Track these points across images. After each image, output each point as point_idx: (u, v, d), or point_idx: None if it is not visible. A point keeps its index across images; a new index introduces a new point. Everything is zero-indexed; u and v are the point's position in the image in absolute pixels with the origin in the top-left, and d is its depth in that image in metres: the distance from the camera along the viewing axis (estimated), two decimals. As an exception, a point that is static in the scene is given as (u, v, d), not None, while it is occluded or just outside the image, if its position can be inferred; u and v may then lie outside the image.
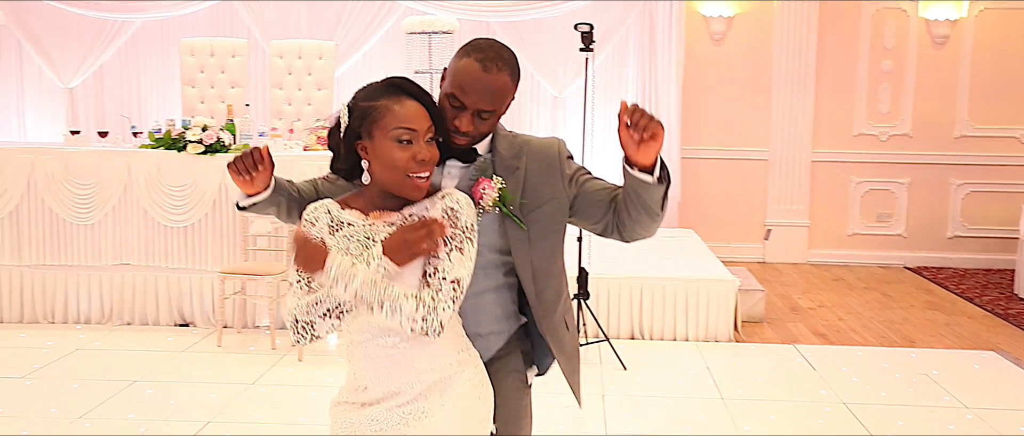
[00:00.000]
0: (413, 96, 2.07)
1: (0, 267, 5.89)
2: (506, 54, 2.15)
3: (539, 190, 2.22)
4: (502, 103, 2.16)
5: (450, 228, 2.02)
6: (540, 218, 2.22)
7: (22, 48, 8.38)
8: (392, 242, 1.99)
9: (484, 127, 2.17)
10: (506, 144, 2.24)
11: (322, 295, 1.98)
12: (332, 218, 2.08)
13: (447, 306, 1.97)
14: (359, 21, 8.04)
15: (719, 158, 8.44)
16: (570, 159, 2.29)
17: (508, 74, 2.14)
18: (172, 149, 5.77)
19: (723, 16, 8.30)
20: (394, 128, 2.02)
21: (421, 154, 2.03)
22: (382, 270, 1.96)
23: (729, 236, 8.43)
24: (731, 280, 5.82)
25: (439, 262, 2.01)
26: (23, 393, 4.64)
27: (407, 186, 2.04)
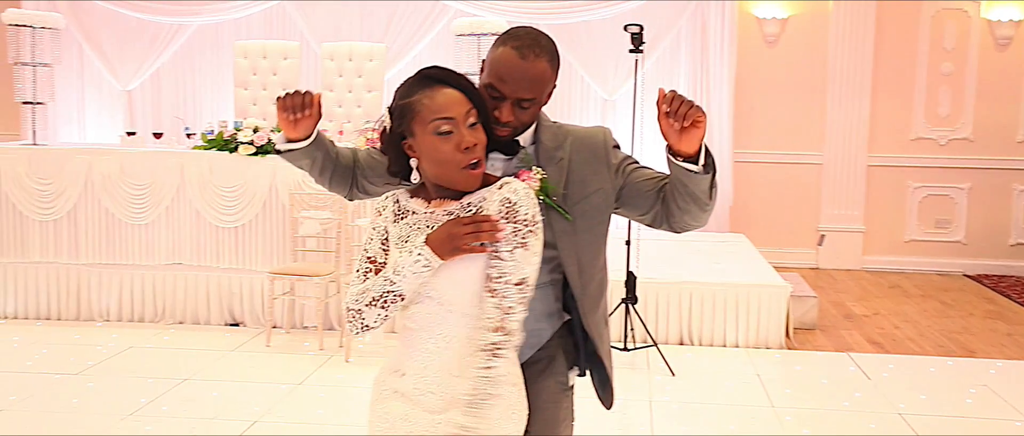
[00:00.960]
0: (446, 83, 2.00)
1: (58, 265, 6.02)
2: (543, 40, 2.11)
3: (585, 180, 2.18)
4: (542, 91, 2.11)
5: (509, 222, 1.95)
6: (586, 209, 2.17)
7: (83, 51, 8.56)
8: (438, 234, 1.96)
9: (525, 117, 2.12)
10: (549, 134, 2.20)
11: (370, 284, 1.99)
12: (399, 207, 2.08)
13: (516, 311, 1.96)
14: (410, 23, 8.07)
15: (772, 162, 8.31)
16: (617, 148, 2.23)
17: (546, 60, 2.09)
18: (224, 150, 5.84)
19: (777, 17, 8.17)
20: (431, 120, 1.96)
21: (465, 140, 1.95)
22: (423, 261, 1.93)
23: (781, 241, 8.29)
24: (783, 285, 5.71)
25: (502, 263, 1.95)
26: (77, 390, 4.73)
27: (459, 178, 1.99)
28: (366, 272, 2.05)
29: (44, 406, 4.46)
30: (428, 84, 2.00)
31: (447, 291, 1.98)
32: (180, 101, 8.56)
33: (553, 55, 2.11)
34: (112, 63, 8.45)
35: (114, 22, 8.34)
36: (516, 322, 1.96)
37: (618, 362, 2.19)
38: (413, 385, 2.02)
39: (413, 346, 2.03)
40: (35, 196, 5.95)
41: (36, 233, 5.99)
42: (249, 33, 8.22)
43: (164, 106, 8.55)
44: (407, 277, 1.95)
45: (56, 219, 5.97)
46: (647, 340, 5.41)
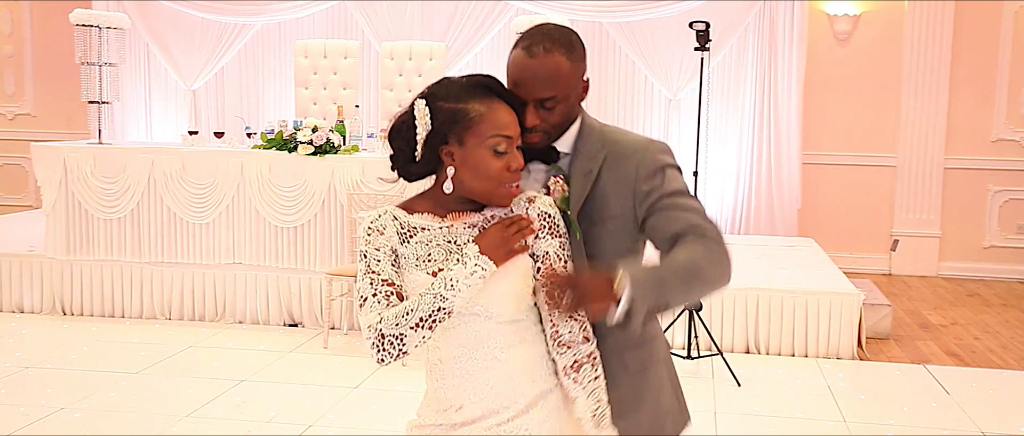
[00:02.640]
0: (503, 98, 1.91)
1: (123, 264, 6.07)
2: (555, 33, 1.95)
3: (606, 202, 1.98)
4: (561, 87, 1.94)
5: (553, 237, 1.93)
6: (601, 235, 1.98)
7: (149, 51, 8.67)
8: (490, 240, 1.86)
9: (552, 118, 1.97)
10: (590, 143, 2.02)
11: (413, 304, 1.83)
12: (401, 225, 1.92)
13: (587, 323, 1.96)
14: (471, 22, 8.00)
15: (842, 164, 8.03)
16: (658, 173, 1.95)
17: (560, 53, 1.93)
18: (283, 150, 5.82)
19: (849, 15, 7.89)
20: (491, 136, 1.86)
21: (515, 162, 1.89)
22: (480, 271, 1.83)
23: (852, 246, 8.01)
24: (855, 293, 5.48)
25: None
26: (136, 389, 4.74)
27: (498, 195, 1.91)
28: (388, 295, 1.88)
29: (104, 406, 4.48)
30: (486, 95, 1.89)
31: (496, 302, 1.88)
32: (243, 100, 8.61)
33: (569, 46, 1.95)
34: (177, 63, 8.55)
35: (180, 22, 8.44)
36: (590, 328, 1.95)
37: (682, 371, 2.02)
38: (483, 408, 1.90)
39: (465, 372, 1.91)
40: (100, 194, 6.01)
41: (101, 231, 6.04)
42: (312, 32, 8.24)
43: (228, 105, 8.62)
44: (462, 291, 1.83)
45: (120, 217, 6.02)
46: (711, 349, 5.23)
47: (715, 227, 1.93)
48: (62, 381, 4.81)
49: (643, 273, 1.78)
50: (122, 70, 8.45)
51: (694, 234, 1.89)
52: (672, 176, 1.97)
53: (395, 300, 1.87)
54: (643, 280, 1.76)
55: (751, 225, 7.94)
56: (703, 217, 1.93)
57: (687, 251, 1.86)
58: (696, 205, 1.95)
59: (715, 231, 1.92)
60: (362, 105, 7.49)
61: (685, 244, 1.88)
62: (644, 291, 1.75)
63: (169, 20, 8.47)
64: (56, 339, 5.59)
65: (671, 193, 1.94)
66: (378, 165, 5.72)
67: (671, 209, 1.93)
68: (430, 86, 1.93)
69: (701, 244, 1.87)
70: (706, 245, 1.87)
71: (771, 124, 7.86)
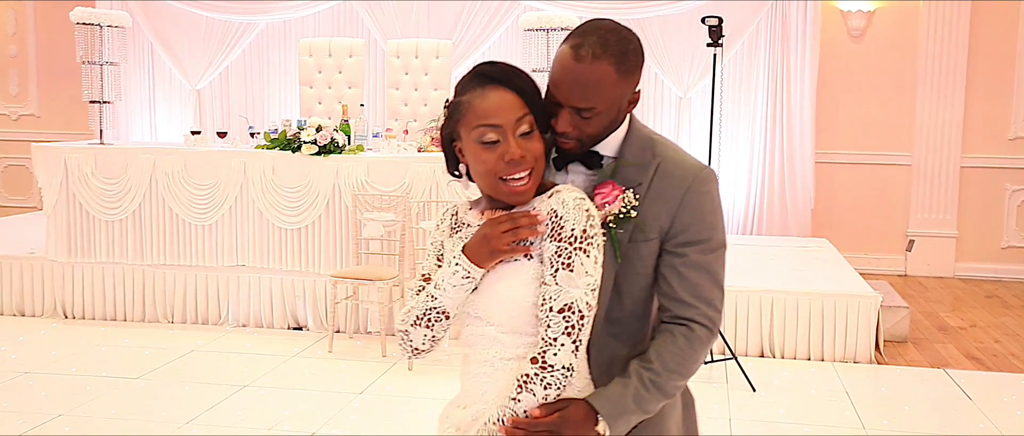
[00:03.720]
0: (498, 82, 1.74)
1: (124, 266, 5.96)
2: (611, 38, 1.73)
3: (647, 222, 1.82)
4: (602, 98, 1.74)
5: (552, 240, 1.70)
6: (633, 257, 1.83)
7: (153, 51, 8.57)
8: (473, 239, 1.74)
9: (589, 128, 1.79)
10: (637, 150, 1.84)
11: (414, 302, 1.79)
12: (456, 220, 1.87)
13: (560, 344, 1.69)
14: (478, 20, 7.88)
15: (856, 162, 7.88)
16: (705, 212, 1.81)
17: (610, 62, 1.72)
18: (287, 150, 5.71)
19: (863, 11, 7.74)
20: (476, 125, 1.72)
21: (511, 152, 1.69)
22: (460, 271, 1.72)
23: (867, 246, 7.87)
24: (873, 295, 5.34)
25: (546, 288, 1.70)
26: (136, 395, 4.63)
27: (503, 192, 1.74)
28: (419, 290, 1.84)
29: (104, 411, 4.37)
30: (479, 83, 1.75)
31: (492, 308, 1.75)
32: (248, 100, 8.51)
33: (621, 55, 1.73)
34: (182, 62, 8.46)
35: (184, 21, 8.34)
36: (561, 358, 1.69)
37: (695, 376, 1.90)
38: (472, 415, 1.79)
39: (469, 373, 1.82)
40: (101, 195, 5.91)
41: (102, 233, 5.94)
42: (317, 31, 8.13)
43: (233, 105, 8.51)
44: (447, 291, 1.73)
45: (121, 219, 5.91)
46: (725, 352, 5.10)
47: (718, 310, 1.85)
48: (61, 387, 4.71)
49: (620, 405, 1.75)
50: (126, 70, 8.40)
51: (687, 320, 1.82)
52: (713, 221, 1.83)
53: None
54: (621, 412, 1.75)
55: (764, 225, 7.80)
56: (715, 288, 1.85)
57: (670, 350, 1.80)
58: (718, 268, 1.85)
59: (714, 318, 1.84)
60: (367, 104, 7.39)
61: (669, 338, 1.82)
62: (626, 422, 1.77)
63: (173, 19, 8.37)
64: (56, 343, 5.49)
65: (704, 247, 1.82)
66: (383, 165, 5.60)
67: (693, 268, 1.82)
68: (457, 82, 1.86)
69: (686, 342, 1.81)
70: (691, 342, 1.81)
71: (784, 122, 7.72)
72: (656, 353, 1.80)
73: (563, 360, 1.69)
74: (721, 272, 1.85)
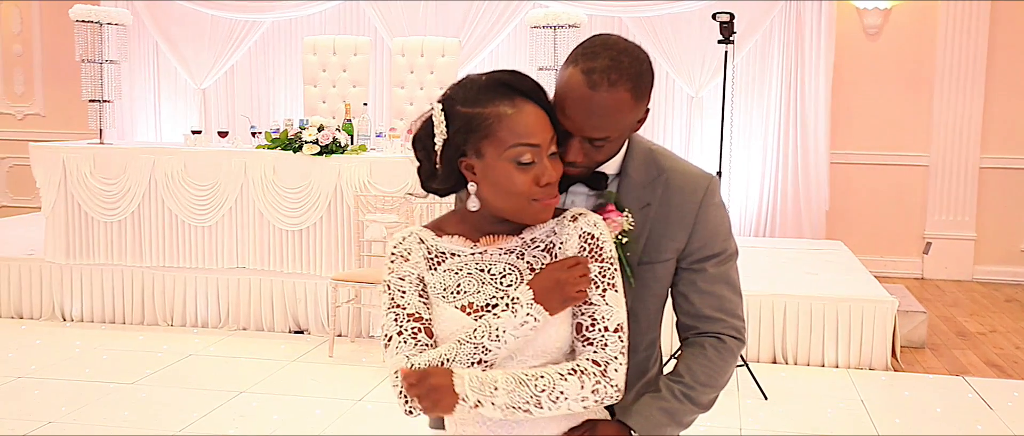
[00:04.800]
0: (530, 97, 1.60)
1: (123, 268, 5.86)
2: (625, 60, 1.60)
3: (660, 244, 1.74)
4: (617, 126, 1.63)
5: (594, 261, 1.61)
6: (648, 278, 1.76)
7: (158, 50, 8.48)
8: (545, 284, 1.57)
9: (599, 156, 1.68)
10: (641, 166, 1.74)
11: (450, 352, 1.56)
12: (429, 250, 1.65)
13: (619, 363, 1.60)
14: (486, 18, 7.75)
15: (872, 163, 7.71)
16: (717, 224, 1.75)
17: (627, 88, 1.60)
18: (288, 149, 5.59)
19: (879, 8, 7.57)
20: (512, 145, 1.56)
21: (546, 175, 1.58)
22: (532, 321, 1.55)
23: (883, 249, 7.69)
24: (889, 300, 5.18)
25: (595, 308, 1.60)
26: (130, 400, 4.51)
27: (529, 213, 1.61)
28: (415, 333, 1.61)
29: (95, 418, 4.26)
30: (508, 96, 1.58)
31: (531, 348, 1.60)
32: (253, 99, 8.40)
33: (637, 79, 1.62)
34: (187, 61, 8.36)
35: (189, 20, 8.24)
36: (620, 376, 1.60)
37: None
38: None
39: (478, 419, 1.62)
40: (100, 196, 5.80)
41: (101, 234, 5.84)
42: (323, 29, 8.02)
43: (238, 104, 8.41)
44: (508, 343, 1.56)
45: (120, 220, 5.81)
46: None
47: (742, 318, 1.79)
48: (54, 392, 4.60)
49: (653, 420, 1.70)
50: (131, 69, 8.32)
51: (715, 334, 1.77)
52: (726, 231, 1.78)
53: (424, 338, 1.60)
54: (655, 426, 1.70)
55: (777, 227, 7.64)
56: (736, 297, 1.79)
57: (701, 363, 1.75)
58: (735, 276, 1.80)
59: (740, 327, 1.79)
60: (373, 103, 7.28)
61: (699, 351, 1.77)
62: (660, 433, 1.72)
63: (178, 18, 8.27)
64: (53, 346, 5.39)
65: (720, 259, 1.76)
66: (386, 165, 5.48)
67: (712, 281, 1.76)
68: (450, 86, 1.65)
69: (717, 354, 1.76)
70: (722, 354, 1.76)
71: (798, 122, 7.55)
72: (686, 367, 1.76)
73: (620, 380, 1.60)
74: (738, 278, 1.81)
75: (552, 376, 1.55)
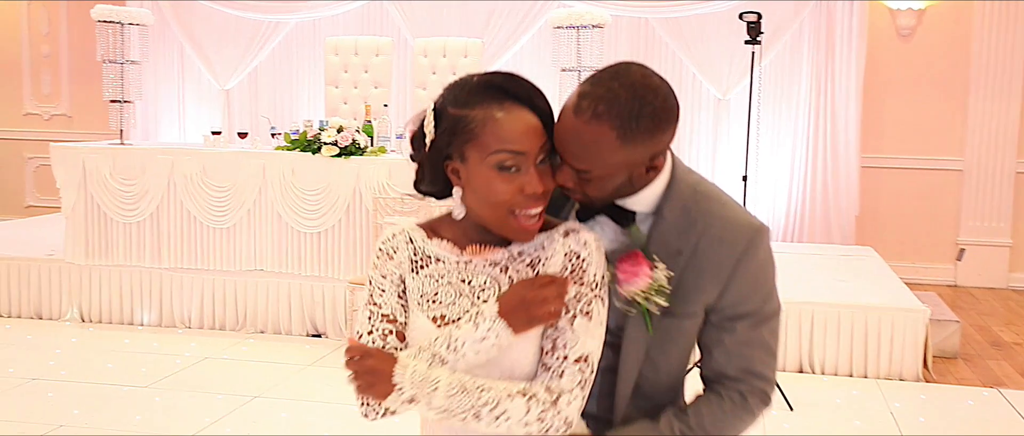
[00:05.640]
0: (521, 100, 1.50)
1: (141, 270, 5.83)
2: (622, 96, 1.45)
3: (688, 296, 1.59)
4: (596, 162, 1.49)
5: (574, 284, 1.50)
6: (671, 332, 1.61)
7: (183, 50, 8.48)
8: (510, 302, 1.48)
9: (590, 189, 1.55)
10: (679, 208, 1.58)
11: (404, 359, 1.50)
12: (416, 251, 1.59)
13: (574, 396, 1.47)
14: (511, 19, 7.66)
15: (904, 167, 7.53)
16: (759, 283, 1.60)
17: (611, 125, 1.45)
18: (307, 151, 5.53)
19: (912, 8, 7.39)
20: (495, 150, 1.47)
21: (531, 185, 1.48)
22: (493, 338, 1.46)
23: (914, 255, 7.50)
24: (921, 309, 5.02)
25: (560, 334, 1.49)
26: (142, 405, 4.47)
27: (511, 227, 1.52)
28: (385, 335, 1.55)
29: (107, 422, 4.21)
30: (497, 98, 1.50)
31: (512, 366, 1.51)
32: (276, 100, 8.38)
33: (629, 119, 1.45)
34: (211, 62, 8.34)
35: (213, 20, 8.23)
36: (572, 410, 1.48)
37: None
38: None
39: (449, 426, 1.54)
40: (119, 197, 5.78)
41: (120, 235, 5.81)
42: (346, 30, 7.96)
43: (261, 105, 8.38)
44: (467, 356, 1.47)
45: (139, 221, 5.78)
46: (762, 367, 4.81)
47: (771, 381, 1.64)
48: (68, 394, 4.57)
49: None
50: (156, 70, 8.32)
51: (738, 391, 1.62)
52: (766, 290, 1.62)
53: (394, 341, 1.54)
54: None
55: (805, 232, 7.48)
56: (768, 358, 1.63)
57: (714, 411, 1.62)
58: (771, 338, 1.64)
59: (767, 389, 1.64)
60: (395, 104, 7.21)
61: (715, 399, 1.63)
62: None
63: (203, 18, 8.26)
64: (69, 348, 5.36)
65: (755, 320, 1.60)
66: (406, 168, 5.39)
67: (743, 344, 1.61)
68: (447, 85, 1.58)
69: (733, 408, 1.62)
70: (737, 411, 1.62)
71: (828, 125, 7.39)
72: (696, 410, 1.63)
73: (573, 412, 1.48)
74: (774, 340, 1.64)
75: (499, 392, 1.45)
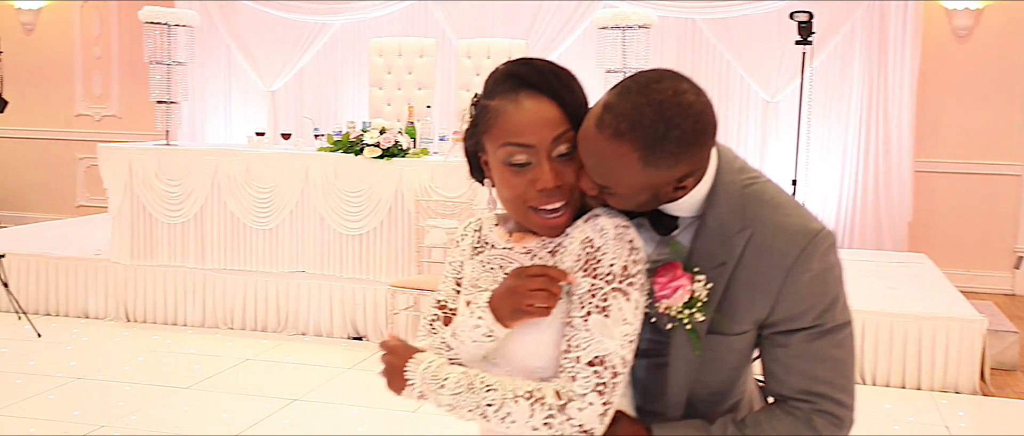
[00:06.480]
0: (535, 87, 1.42)
1: (186, 270, 5.85)
2: (649, 114, 1.29)
3: (735, 312, 1.43)
4: (617, 180, 1.36)
5: (586, 276, 1.38)
6: (718, 347, 1.46)
7: (230, 51, 8.53)
8: (498, 291, 1.42)
9: (613, 202, 1.42)
10: (725, 213, 1.42)
11: (428, 343, 1.53)
12: (480, 237, 1.57)
13: (588, 401, 1.35)
14: (556, 20, 7.58)
15: (960, 172, 7.31)
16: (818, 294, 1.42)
17: (633, 146, 1.31)
18: (349, 152, 5.51)
19: (969, 8, 7.17)
20: (502, 144, 1.40)
21: (544, 180, 1.39)
22: (483, 326, 1.41)
23: (970, 263, 7.28)
24: (978, 319, 4.85)
25: (574, 333, 1.39)
26: (183, 406, 4.47)
27: (532, 221, 1.45)
28: (432, 321, 1.56)
29: (148, 423, 4.21)
30: (513, 87, 1.43)
31: (516, 357, 1.45)
32: (321, 101, 8.39)
33: (654, 143, 1.30)
34: (257, 63, 8.38)
35: (260, 22, 8.26)
36: (585, 416, 1.35)
37: None
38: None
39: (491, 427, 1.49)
40: (164, 197, 5.81)
41: (164, 235, 5.84)
42: (391, 32, 7.95)
43: (306, 106, 8.40)
44: (466, 345, 1.44)
45: (183, 222, 5.80)
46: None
47: (840, 403, 1.45)
48: (111, 395, 4.58)
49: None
50: (203, 71, 8.38)
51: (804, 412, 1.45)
52: (825, 303, 1.42)
53: (440, 326, 1.53)
54: None
55: (856, 238, 7.29)
56: (837, 375, 1.44)
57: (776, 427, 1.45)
58: (837, 351, 1.44)
59: (835, 414, 1.45)
60: (439, 106, 7.17)
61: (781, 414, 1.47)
62: None
63: (250, 20, 8.30)
64: (113, 348, 5.39)
65: (812, 333, 1.42)
66: (448, 170, 5.35)
67: (801, 357, 1.44)
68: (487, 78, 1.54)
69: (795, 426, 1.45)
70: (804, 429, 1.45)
71: (880, 128, 7.20)
72: (755, 420, 1.47)
73: (587, 420, 1.36)
74: (843, 353, 1.45)
75: (505, 392, 1.38)
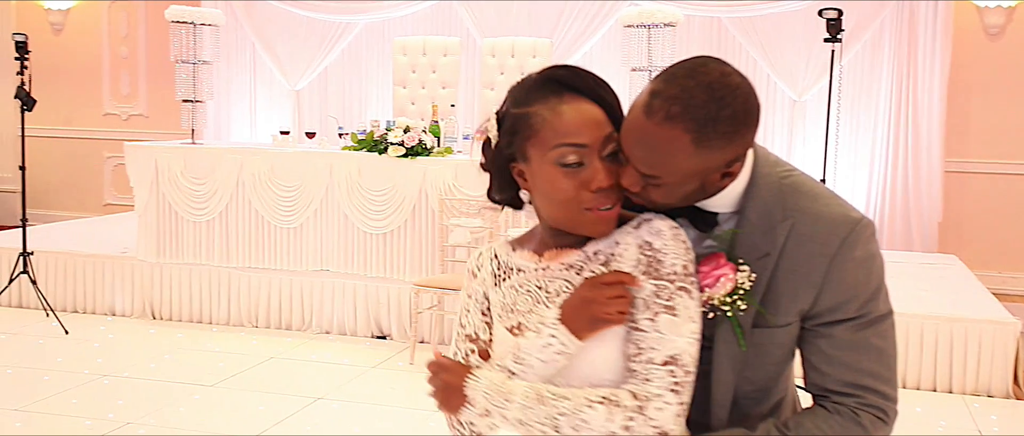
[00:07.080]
0: (583, 92, 1.42)
1: (211, 268, 5.87)
2: (698, 97, 1.31)
3: (779, 303, 1.44)
4: (669, 170, 1.36)
5: (650, 279, 1.38)
6: (762, 340, 1.47)
7: (255, 50, 8.56)
8: (572, 303, 1.39)
9: (656, 196, 1.41)
10: (764, 205, 1.44)
11: None
12: (499, 265, 1.53)
13: (666, 401, 1.34)
14: (580, 18, 7.55)
15: (991, 172, 7.19)
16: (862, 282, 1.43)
17: (686, 128, 1.31)
18: (373, 151, 5.50)
19: (1002, 6, 7.06)
20: (554, 146, 1.39)
21: (598, 180, 1.38)
22: (557, 344, 1.38)
23: (1001, 264, 7.17)
24: (1011, 321, 4.76)
25: (643, 335, 1.37)
26: (208, 404, 4.48)
27: (585, 221, 1.42)
28: (466, 355, 1.52)
29: (172, 421, 4.22)
30: (555, 91, 1.42)
31: (582, 374, 1.41)
32: (346, 100, 8.40)
33: (705, 123, 1.32)
34: (282, 62, 8.41)
35: (284, 21, 8.28)
36: (664, 416, 1.34)
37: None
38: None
39: None
40: (189, 196, 5.83)
41: (190, 234, 5.87)
42: (415, 31, 7.94)
43: (330, 105, 8.42)
44: (535, 366, 1.40)
45: (209, 220, 5.82)
46: (839, 379, 4.61)
47: (883, 395, 1.46)
48: (136, 392, 4.60)
49: None
50: (228, 70, 8.42)
51: (849, 407, 1.45)
52: (869, 293, 1.44)
53: (475, 360, 1.50)
54: None
55: (885, 239, 7.19)
56: (878, 368, 1.45)
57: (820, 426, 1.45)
58: (879, 342, 1.45)
59: (880, 406, 1.45)
60: (463, 105, 7.16)
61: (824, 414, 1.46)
62: None
63: (275, 19, 8.33)
64: (139, 346, 5.42)
65: (856, 324, 1.43)
66: (472, 169, 5.30)
67: (844, 347, 1.44)
68: (508, 90, 1.51)
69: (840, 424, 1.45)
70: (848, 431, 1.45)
71: (909, 128, 7.10)
72: (798, 422, 1.47)
73: (665, 420, 1.34)
74: (887, 344, 1.46)
75: (578, 400, 1.35)
